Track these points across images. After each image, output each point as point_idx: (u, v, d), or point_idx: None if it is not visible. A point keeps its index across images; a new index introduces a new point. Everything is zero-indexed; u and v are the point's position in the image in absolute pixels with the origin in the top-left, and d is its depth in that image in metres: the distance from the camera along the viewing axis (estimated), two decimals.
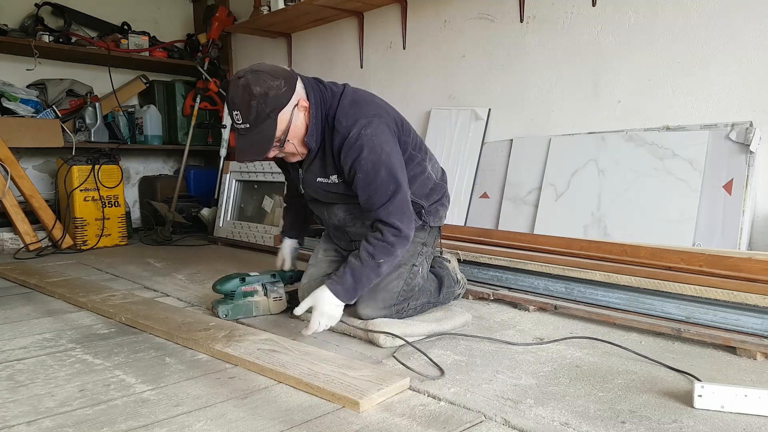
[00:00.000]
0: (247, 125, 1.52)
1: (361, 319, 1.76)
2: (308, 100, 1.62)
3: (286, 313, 1.99)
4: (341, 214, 1.83)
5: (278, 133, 1.56)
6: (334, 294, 1.62)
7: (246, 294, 1.96)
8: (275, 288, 2.01)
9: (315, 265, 1.97)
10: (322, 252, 2.00)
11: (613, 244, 2.06)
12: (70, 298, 2.18)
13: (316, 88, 1.66)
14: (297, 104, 1.58)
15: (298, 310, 1.67)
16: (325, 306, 1.62)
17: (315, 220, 2.03)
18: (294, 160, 1.72)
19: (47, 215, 3.54)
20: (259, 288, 1.99)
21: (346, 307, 1.90)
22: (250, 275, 1.98)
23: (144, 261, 3.12)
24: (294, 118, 1.58)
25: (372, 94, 1.77)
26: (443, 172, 2.00)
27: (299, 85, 1.60)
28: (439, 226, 2.00)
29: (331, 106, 1.65)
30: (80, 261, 3.15)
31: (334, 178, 1.71)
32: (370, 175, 1.61)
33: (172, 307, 2.04)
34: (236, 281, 1.94)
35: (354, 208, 1.79)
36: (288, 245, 2.10)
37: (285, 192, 2.17)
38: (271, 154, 1.62)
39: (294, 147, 1.65)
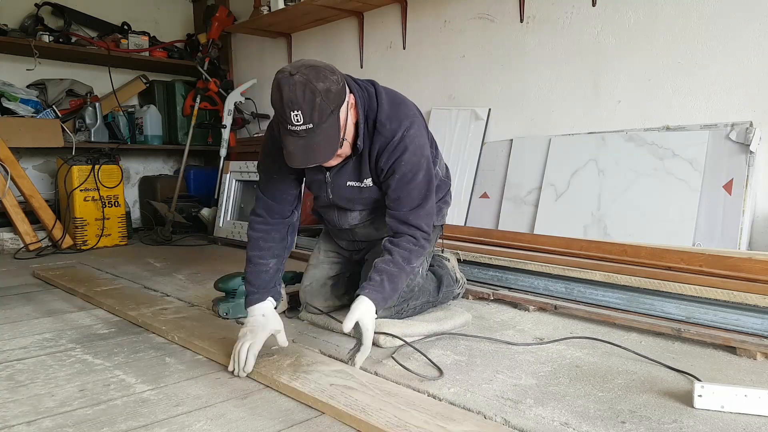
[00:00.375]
0: (310, 125, 1.36)
1: None
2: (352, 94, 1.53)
3: (285, 314, 1.98)
4: (356, 217, 1.77)
5: (340, 131, 1.45)
6: (374, 303, 1.48)
7: None
8: None
9: (316, 267, 1.94)
10: (323, 253, 1.97)
11: (613, 244, 2.06)
12: (119, 311, 2.03)
13: (356, 86, 1.57)
14: (348, 101, 1.48)
15: (347, 327, 1.42)
16: (370, 320, 1.47)
17: (317, 215, 1.93)
18: (335, 162, 1.59)
19: (47, 215, 3.54)
20: None
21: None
22: None
23: (144, 261, 3.12)
24: (348, 116, 1.49)
25: (398, 92, 1.71)
26: (447, 168, 1.96)
27: (345, 81, 1.49)
28: (441, 225, 1.99)
29: (370, 106, 1.57)
30: (80, 261, 3.15)
31: (368, 181, 1.63)
32: (408, 176, 1.56)
33: (228, 325, 1.84)
34: (238, 280, 1.92)
35: (369, 214, 1.76)
36: (273, 314, 1.56)
37: (258, 216, 1.67)
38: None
39: (347, 147, 1.54)
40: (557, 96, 2.74)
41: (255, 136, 4.23)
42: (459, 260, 2.25)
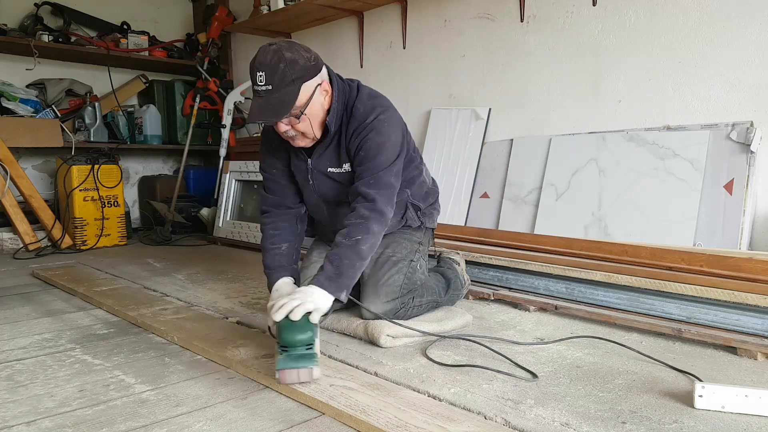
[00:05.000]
0: (269, 87, 1.49)
1: (365, 317, 1.75)
2: (331, 86, 1.64)
3: None
4: (346, 213, 1.77)
5: (298, 102, 1.53)
6: (318, 286, 1.45)
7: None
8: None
9: (308, 267, 1.91)
10: (316, 254, 1.95)
11: (613, 244, 2.06)
12: (118, 311, 2.03)
13: (338, 79, 1.69)
14: (321, 84, 1.58)
15: (279, 315, 1.33)
16: (301, 295, 1.40)
17: (311, 228, 1.96)
18: (301, 143, 1.65)
19: (46, 215, 3.54)
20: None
21: (347, 307, 1.86)
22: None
23: (143, 261, 3.12)
24: (316, 96, 1.57)
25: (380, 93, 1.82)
26: (434, 180, 2.06)
27: (324, 70, 1.62)
28: (433, 228, 2.05)
29: (350, 96, 1.68)
30: (80, 261, 3.14)
31: (346, 166, 1.70)
32: (370, 154, 1.63)
33: (229, 325, 1.85)
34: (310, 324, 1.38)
35: None
36: (286, 287, 1.62)
37: (265, 213, 1.80)
38: (283, 127, 1.58)
39: (309, 126, 1.60)
40: (558, 96, 2.74)
41: (254, 135, 4.22)
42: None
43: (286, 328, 1.33)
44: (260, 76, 1.50)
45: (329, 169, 1.73)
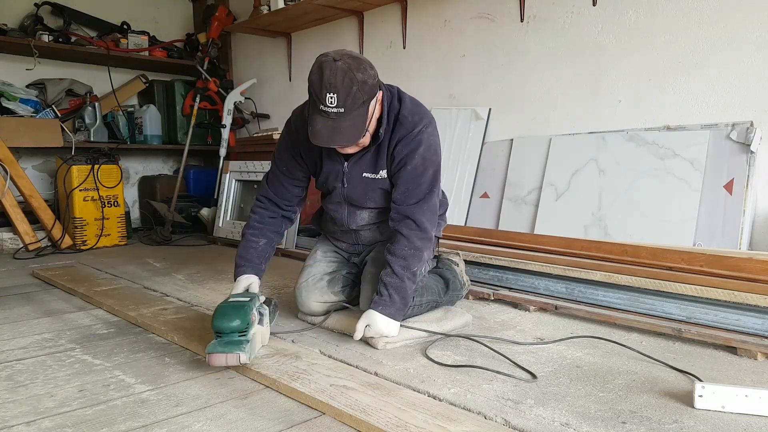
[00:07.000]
0: (341, 110, 1.47)
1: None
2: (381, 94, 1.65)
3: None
4: (365, 218, 1.84)
5: (367, 122, 1.55)
6: (389, 317, 1.62)
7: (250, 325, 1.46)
8: (263, 311, 1.57)
9: (313, 265, 1.94)
10: (321, 252, 1.98)
11: (613, 244, 2.06)
12: (118, 311, 2.02)
13: (383, 85, 1.68)
14: (377, 96, 1.60)
15: (357, 335, 1.59)
16: (382, 327, 1.61)
17: (318, 225, 2.00)
18: (351, 151, 1.68)
19: (46, 215, 3.54)
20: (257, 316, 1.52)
21: (347, 307, 1.87)
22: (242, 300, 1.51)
23: (143, 261, 3.12)
24: (375, 110, 1.60)
25: None
26: (443, 192, 2.07)
27: None
28: (439, 237, 2.06)
29: (392, 104, 1.68)
30: (80, 261, 3.14)
31: (383, 173, 1.71)
32: (419, 169, 1.65)
33: None
34: (245, 311, 1.45)
35: (377, 216, 1.83)
36: (256, 288, 1.69)
37: (259, 201, 1.83)
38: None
39: (367, 138, 1.64)
40: (558, 95, 2.74)
41: (255, 135, 4.22)
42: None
43: (219, 316, 1.42)
44: (331, 97, 1.45)
45: (364, 174, 1.73)
